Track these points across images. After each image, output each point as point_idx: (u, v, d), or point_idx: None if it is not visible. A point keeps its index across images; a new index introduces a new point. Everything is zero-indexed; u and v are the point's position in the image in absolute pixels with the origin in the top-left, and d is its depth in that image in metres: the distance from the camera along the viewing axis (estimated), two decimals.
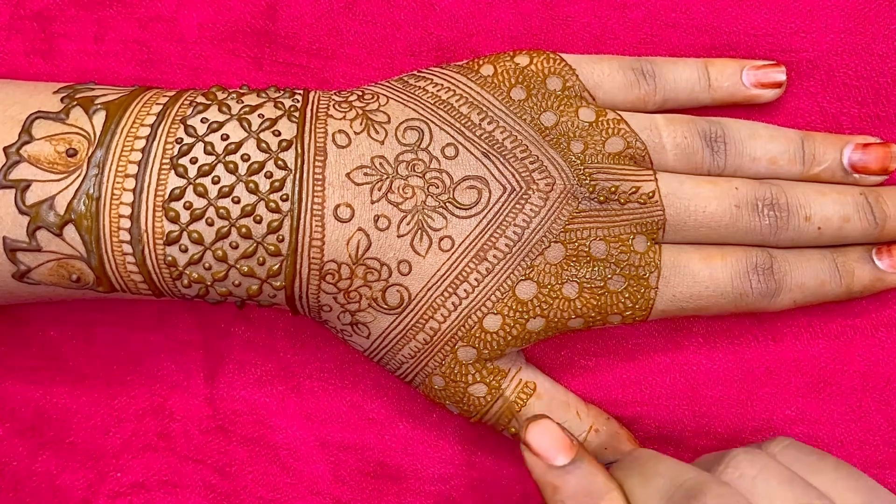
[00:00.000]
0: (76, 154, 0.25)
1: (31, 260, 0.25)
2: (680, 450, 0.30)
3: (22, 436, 0.31)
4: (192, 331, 0.31)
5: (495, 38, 0.31)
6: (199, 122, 0.25)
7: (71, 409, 0.31)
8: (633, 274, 0.27)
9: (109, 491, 0.31)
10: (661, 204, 0.27)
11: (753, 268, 0.27)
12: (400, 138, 0.26)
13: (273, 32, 0.31)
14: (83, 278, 0.25)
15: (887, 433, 0.30)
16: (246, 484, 0.31)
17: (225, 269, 0.25)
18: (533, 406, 0.28)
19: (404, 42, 0.31)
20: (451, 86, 0.28)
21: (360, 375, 0.32)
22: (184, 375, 0.31)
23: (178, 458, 0.31)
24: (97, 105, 0.26)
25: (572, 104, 0.28)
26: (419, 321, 0.26)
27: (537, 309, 0.27)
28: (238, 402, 0.31)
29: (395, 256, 0.26)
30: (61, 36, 0.31)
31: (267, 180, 0.25)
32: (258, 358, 0.32)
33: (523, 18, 0.31)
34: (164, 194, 0.25)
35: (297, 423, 0.31)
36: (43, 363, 0.31)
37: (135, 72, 0.31)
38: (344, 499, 0.31)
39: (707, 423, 0.30)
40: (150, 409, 0.31)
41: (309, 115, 0.26)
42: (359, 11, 0.31)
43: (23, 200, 0.24)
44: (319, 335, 0.31)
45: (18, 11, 0.31)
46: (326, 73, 0.31)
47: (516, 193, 0.26)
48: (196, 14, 0.31)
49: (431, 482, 0.31)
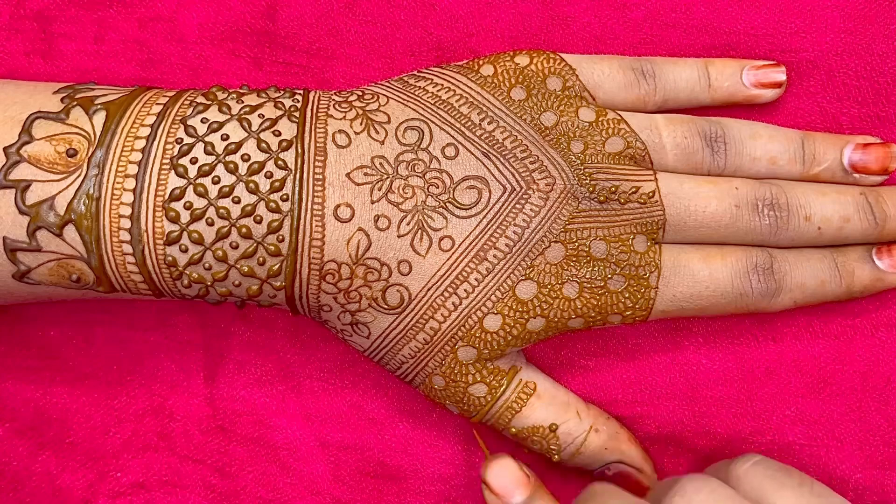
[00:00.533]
0: (76, 154, 0.25)
1: (31, 260, 0.25)
2: (680, 449, 0.30)
3: (22, 436, 0.31)
4: (192, 331, 0.31)
5: (495, 37, 0.31)
6: (199, 122, 0.25)
7: (71, 409, 0.31)
8: (634, 274, 0.27)
9: (109, 491, 0.31)
10: (661, 204, 0.27)
11: (753, 268, 0.27)
12: (400, 138, 0.26)
13: (273, 32, 0.31)
14: (83, 278, 0.25)
15: (887, 433, 0.30)
16: (246, 484, 0.31)
17: (225, 269, 0.25)
18: (533, 406, 0.28)
19: (404, 42, 0.31)
20: (451, 86, 0.28)
21: (360, 375, 0.31)
22: (184, 375, 0.31)
23: (178, 458, 0.31)
24: (97, 105, 0.26)
25: (572, 104, 0.28)
26: (419, 321, 0.26)
27: (537, 309, 0.27)
28: (238, 401, 0.31)
29: (395, 256, 0.26)
30: (61, 36, 0.31)
31: (267, 180, 0.25)
32: (258, 358, 0.32)
33: (523, 18, 0.31)
34: (165, 194, 0.25)
35: (297, 423, 0.31)
36: (43, 363, 0.31)
37: (135, 72, 0.31)
38: (344, 499, 0.31)
39: (707, 423, 0.30)
40: (150, 409, 0.31)
41: (309, 115, 0.26)
42: (359, 11, 0.31)
43: (23, 200, 0.24)
44: (319, 335, 0.31)
45: (18, 11, 0.31)
46: (326, 73, 0.31)
47: (516, 193, 0.26)
48: (196, 14, 0.31)
49: (431, 482, 0.31)
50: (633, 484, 0.29)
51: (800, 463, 0.30)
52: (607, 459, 0.29)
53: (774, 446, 0.30)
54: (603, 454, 0.29)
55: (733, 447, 0.30)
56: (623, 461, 0.29)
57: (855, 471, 0.30)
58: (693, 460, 0.31)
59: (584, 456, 0.28)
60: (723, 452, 0.30)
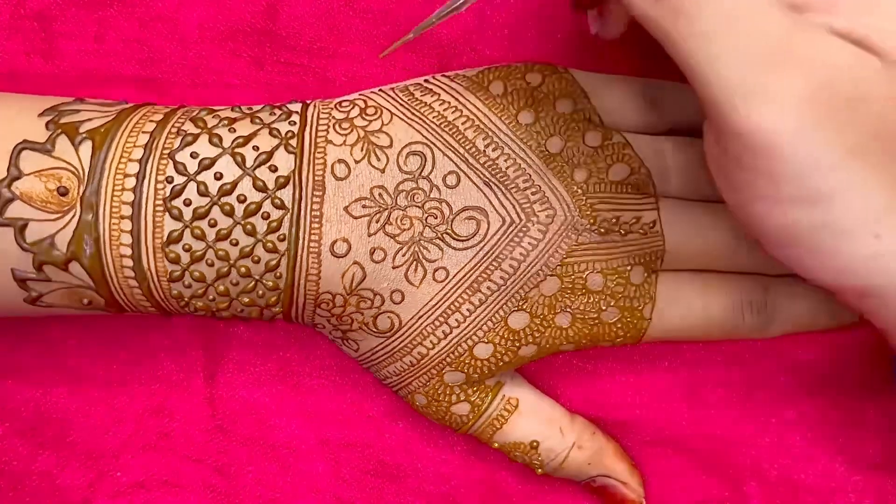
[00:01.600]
0: (67, 193, 0.24)
1: (41, 287, 0.25)
2: (679, 452, 0.30)
3: (22, 436, 0.31)
4: (192, 331, 0.31)
5: (495, 36, 0.31)
6: (188, 157, 0.25)
7: (71, 409, 0.31)
8: (628, 306, 0.27)
9: (109, 491, 0.31)
10: (661, 234, 0.27)
11: (748, 304, 0.27)
12: (401, 165, 0.26)
13: (274, 32, 0.31)
14: (94, 302, 0.25)
15: (886, 435, 0.30)
16: (246, 484, 0.31)
17: (228, 302, 0.26)
18: (515, 423, 0.28)
19: None
20: (458, 105, 0.27)
21: (359, 374, 0.31)
22: (184, 375, 0.31)
23: (178, 458, 0.31)
24: (82, 134, 0.25)
25: (579, 128, 0.27)
26: (407, 346, 0.26)
27: (529, 337, 0.26)
28: (238, 401, 0.31)
29: (388, 287, 0.26)
30: (62, 35, 0.31)
31: (264, 221, 0.25)
32: (258, 358, 0.32)
33: (523, 16, 0.31)
34: (163, 237, 0.24)
35: (297, 422, 0.31)
36: (43, 363, 0.31)
37: (135, 71, 0.31)
38: (344, 497, 0.31)
39: (706, 426, 0.30)
40: (150, 409, 0.31)
41: (308, 143, 0.26)
42: (359, 9, 0.31)
43: (23, 238, 0.24)
44: (319, 334, 0.31)
45: (18, 11, 0.31)
46: (328, 72, 0.31)
47: (515, 226, 0.26)
48: (197, 13, 0.31)
49: (431, 481, 0.31)
50: (618, 497, 0.29)
51: (799, 464, 0.30)
52: (591, 473, 0.29)
53: (773, 448, 0.30)
54: (586, 469, 0.29)
55: (733, 450, 0.30)
56: (607, 475, 0.29)
57: (854, 472, 0.30)
58: (692, 463, 0.31)
59: (567, 470, 0.29)
60: (722, 455, 0.30)
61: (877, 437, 0.30)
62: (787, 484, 0.30)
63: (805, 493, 0.30)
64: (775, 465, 0.30)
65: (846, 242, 0.19)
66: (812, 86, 0.18)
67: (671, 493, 0.31)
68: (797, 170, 0.19)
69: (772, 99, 0.18)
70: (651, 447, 0.30)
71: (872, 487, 0.30)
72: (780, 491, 0.30)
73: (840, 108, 0.18)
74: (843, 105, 0.18)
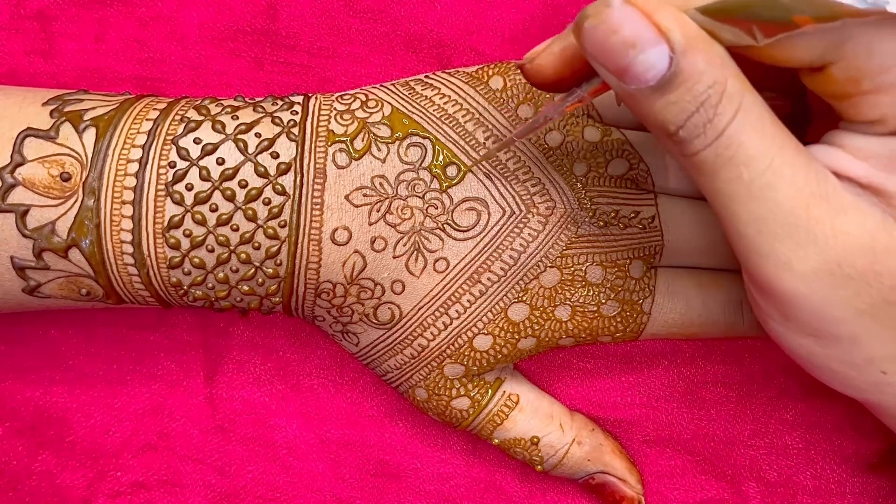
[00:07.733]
0: (70, 178, 0.24)
1: (40, 276, 0.25)
2: (678, 452, 0.30)
3: (22, 435, 0.31)
4: (192, 331, 0.31)
5: (496, 36, 0.31)
6: (191, 142, 0.25)
7: (71, 409, 0.31)
8: (628, 299, 0.27)
9: (109, 490, 0.31)
10: (660, 229, 0.27)
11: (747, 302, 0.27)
12: (402, 156, 0.26)
13: (273, 32, 0.31)
14: (93, 293, 0.25)
15: (884, 437, 0.30)
16: (246, 483, 0.31)
17: (227, 290, 0.25)
18: (515, 419, 0.28)
19: (405, 39, 0.31)
20: (458, 98, 0.27)
21: (359, 373, 0.32)
22: (184, 375, 0.31)
23: (178, 458, 0.31)
24: (86, 121, 0.25)
25: (578, 123, 0.27)
26: (407, 337, 0.26)
27: (528, 330, 0.26)
28: (237, 401, 0.31)
29: (389, 276, 0.26)
30: (62, 35, 0.31)
31: (265, 207, 0.25)
32: (258, 357, 0.32)
33: (524, 16, 0.31)
34: (163, 222, 0.24)
35: (297, 422, 0.31)
36: (43, 363, 0.31)
37: (135, 71, 0.31)
38: (344, 497, 0.31)
39: (705, 426, 0.30)
40: (150, 409, 0.31)
41: (309, 131, 0.26)
42: (359, 9, 0.31)
43: (24, 224, 0.24)
44: (318, 334, 0.31)
45: (18, 11, 0.31)
46: (328, 71, 0.31)
47: (515, 217, 0.26)
48: (196, 13, 0.31)
49: (431, 481, 0.31)
50: (616, 494, 0.29)
51: (797, 466, 0.30)
52: (590, 470, 0.29)
53: (772, 449, 0.30)
54: (585, 465, 0.29)
55: (732, 450, 0.30)
56: (606, 472, 0.29)
57: (852, 474, 0.30)
58: (691, 463, 0.31)
59: (566, 467, 0.29)
60: (722, 455, 0.30)
61: (876, 439, 0.30)
62: (787, 485, 0.30)
63: (804, 494, 0.30)
64: (774, 466, 0.30)
65: (854, 371, 0.21)
66: (826, 260, 0.19)
67: (671, 492, 0.31)
68: (811, 319, 0.20)
69: (786, 268, 0.19)
70: (650, 446, 0.30)
71: (871, 489, 0.30)
72: (780, 492, 0.30)
73: (854, 278, 0.19)
74: (858, 276, 0.19)
